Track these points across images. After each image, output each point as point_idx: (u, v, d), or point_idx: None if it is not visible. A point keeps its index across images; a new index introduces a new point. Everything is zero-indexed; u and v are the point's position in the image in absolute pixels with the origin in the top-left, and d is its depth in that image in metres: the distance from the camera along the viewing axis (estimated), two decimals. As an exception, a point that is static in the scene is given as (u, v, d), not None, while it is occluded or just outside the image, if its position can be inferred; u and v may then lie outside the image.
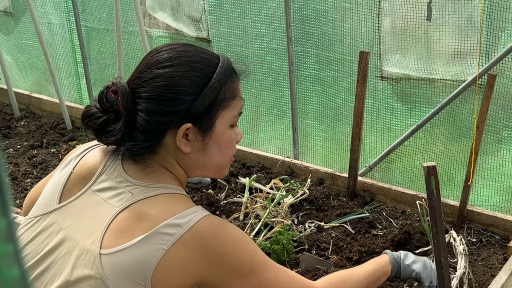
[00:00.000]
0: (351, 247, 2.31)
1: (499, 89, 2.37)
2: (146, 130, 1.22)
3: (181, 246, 1.16)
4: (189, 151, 1.27)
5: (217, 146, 1.30)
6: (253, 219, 2.49)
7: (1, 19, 4.23)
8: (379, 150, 2.83)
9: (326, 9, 2.76)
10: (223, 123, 1.29)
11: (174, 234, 1.16)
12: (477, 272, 2.21)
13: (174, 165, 1.29)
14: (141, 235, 1.16)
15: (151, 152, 1.27)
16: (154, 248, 1.15)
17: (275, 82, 3.11)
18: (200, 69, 1.26)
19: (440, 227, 1.57)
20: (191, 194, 2.80)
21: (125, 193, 1.23)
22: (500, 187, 2.55)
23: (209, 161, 1.31)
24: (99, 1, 3.67)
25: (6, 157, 3.40)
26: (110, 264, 1.15)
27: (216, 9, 3.15)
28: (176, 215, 1.18)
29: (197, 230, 1.17)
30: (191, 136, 1.26)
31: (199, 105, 1.24)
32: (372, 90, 2.72)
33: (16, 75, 4.34)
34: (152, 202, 1.21)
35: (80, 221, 1.23)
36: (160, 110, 1.22)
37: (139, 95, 1.24)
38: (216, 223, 1.22)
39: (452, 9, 2.39)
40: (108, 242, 1.18)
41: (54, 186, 1.31)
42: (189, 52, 1.28)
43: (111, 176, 1.27)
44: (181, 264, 1.16)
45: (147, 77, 1.24)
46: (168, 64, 1.24)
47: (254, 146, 3.28)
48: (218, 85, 1.27)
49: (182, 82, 1.24)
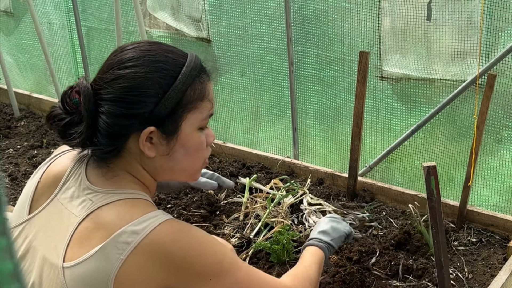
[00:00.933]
0: (351, 247, 2.31)
1: (499, 89, 2.37)
2: (108, 133, 1.17)
3: (139, 254, 1.10)
4: (153, 155, 1.21)
5: (184, 150, 1.23)
6: (253, 219, 2.49)
7: (2, 19, 4.24)
8: (379, 150, 2.83)
9: (326, 9, 2.76)
10: (189, 126, 1.22)
11: (131, 242, 1.10)
12: (477, 272, 2.21)
13: (139, 170, 1.23)
14: (98, 245, 1.11)
15: (115, 156, 1.22)
16: (112, 258, 1.09)
17: (275, 82, 3.11)
18: (164, 70, 1.19)
19: (440, 227, 1.57)
20: (191, 194, 2.80)
21: (86, 201, 1.18)
22: (500, 187, 2.55)
23: (176, 166, 1.25)
24: (99, 1, 3.67)
25: (6, 157, 3.40)
26: (72, 278, 1.11)
27: (216, 9, 3.15)
28: (133, 221, 1.12)
29: (155, 236, 1.11)
30: (155, 140, 1.20)
31: (162, 108, 1.17)
32: (372, 90, 2.72)
33: (16, 75, 4.34)
34: (110, 209, 1.15)
35: (46, 233, 1.20)
36: (122, 112, 1.16)
37: (101, 97, 1.18)
38: (176, 227, 1.15)
39: (452, 9, 2.39)
40: (70, 254, 1.14)
41: (24, 197, 1.28)
42: (154, 51, 1.21)
43: (75, 183, 1.22)
44: (142, 273, 1.10)
45: (108, 78, 1.18)
46: (130, 64, 1.18)
47: (254, 146, 3.28)
48: (183, 87, 1.19)
49: (144, 83, 1.17)
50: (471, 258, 2.30)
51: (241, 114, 3.32)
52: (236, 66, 3.21)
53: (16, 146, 3.55)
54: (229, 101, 3.35)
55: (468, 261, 2.28)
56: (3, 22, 4.24)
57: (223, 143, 3.27)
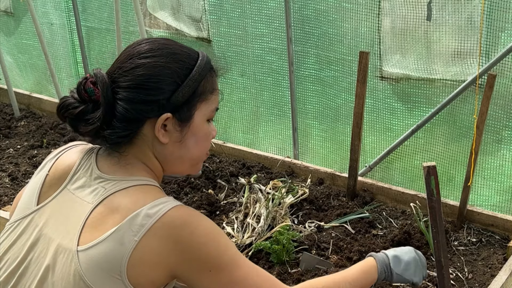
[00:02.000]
0: (351, 247, 2.31)
1: (499, 89, 2.37)
2: (125, 118, 1.22)
3: (152, 237, 1.15)
4: (166, 141, 1.27)
5: (195, 139, 1.30)
6: (253, 219, 2.49)
7: (2, 19, 4.24)
8: (379, 150, 2.83)
9: (326, 9, 2.76)
10: (201, 115, 1.30)
11: (144, 225, 1.15)
12: (477, 272, 2.21)
13: (150, 158, 1.29)
14: (112, 227, 1.16)
15: (128, 143, 1.27)
16: (126, 240, 1.14)
17: (275, 82, 3.11)
18: (181, 61, 1.27)
19: (440, 227, 1.57)
20: (191, 194, 2.80)
21: (99, 189, 1.23)
22: (500, 187, 2.55)
23: (186, 154, 1.31)
24: (99, 1, 3.67)
25: (6, 157, 3.40)
26: (86, 260, 1.15)
27: (217, 9, 3.15)
28: (146, 205, 1.17)
29: (167, 220, 1.16)
30: (170, 126, 1.26)
31: (179, 96, 1.25)
32: (372, 90, 2.72)
33: (17, 75, 4.34)
34: (123, 195, 1.21)
35: (57, 220, 1.24)
36: (141, 98, 1.22)
37: (118, 85, 1.24)
38: (187, 212, 1.20)
39: (452, 9, 2.39)
40: (84, 238, 1.18)
41: (32, 189, 1.31)
42: (171, 45, 1.30)
43: (85, 174, 1.27)
44: (154, 255, 1.15)
45: (128, 67, 1.25)
46: (150, 54, 1.25)
47: (254, 146, 3.28)
48: (199, 77, 1.28)
49: (163, 72, 1.24)
50: (471, 258, 2.30)
51: (241, 114, 3.32)
52: (236, 66, 3.21)
53: (16, 146, 3.55)
54: (229, 101, 3.35)
55: (468, 261, 2.28)
56: (3, 22, 4.25)
57: (223, 143, 3.27)
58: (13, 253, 1.24)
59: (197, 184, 2.87)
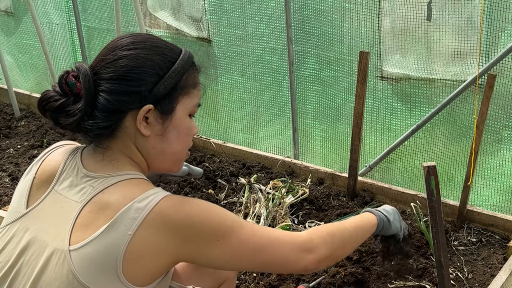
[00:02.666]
0: (351, 247, 2.31)
1: (499, 89, 2.37)
2: (107, 109, 1.23)
3: (146, 228, 1.15)
4: (148, 134, 1.27)
5: (176, 132, 1.30)
6: (253, 219, 2.49)
7: (2, 19, 4.24)
8: (379, 150, 2.83)
9: (326, 9, 2.76)
10: (183, 109, 1.31)
11: (137, 218, 1.15)
12: (477, 272, 2.21)
13: (134, 151, 1.29)
14: (104, 224, 1.16)
15: (111, 137, 1.27)
16: (120, 235, 1.14)
17: (275, 82, 3.11)
18: (164, 54, 1.28)
19: (440, 227, 1.57)
20: (191, 194, 2.80)
21: (86, 188, 1.23)
22: (500, 187, 2.55)
23: (167, 148, 1.31)
24: (99, 1, 3.67)
25: (6, 157, 3.40)
26: (79, 259, 1.15)
27: (217, 9, 3.15)
28: (136, 199, 1.17)
29: (159, 209, 1.17)
30: (151, 119, 1.26)
31: (161, 87, 1.26)
32: (372, 90, 2.73)
33: (17, 75, 4.34)
34: (112, 191, 1.21)
35: (47, 222, 1.24)
36: (123, 89, 1.23)
37: (100, 77, 1.24)
38: (178, 199, 1.21)
39: (452, 9, 2.39)
40: (76, 237, 1.18)
41: (20, 193, 1.32)
42: (153, 39, 1.31)
43: (72, 173, 1.27)
44: (150, 247, 1.15)
45: (110, 59, 1.25)
46: (132, 47, 1.26)
47: (254, 146, 3.29)
48: (181, 70, 1.29)
49: (146, 63, 1.25)
50: (471, 258, 2.30)
51: (241, 114, 3.33)
52: (237, 66, 3.21)
53: (17, 146, 3.55)
54: (229, 101, 3.35)
55: (468, 261, 2.28)
56: (3, 22, 4.25)
57: (223, 143, 3.27)
58: (4, 257, 1.24)
59: (197, 184, 2.87)
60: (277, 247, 1.29)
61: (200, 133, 3.44)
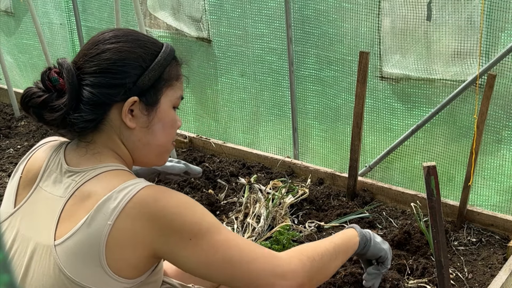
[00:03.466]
0: (351, 247, 2.31)
1: (499, 89, 2.37)
2: (91, 102, 1.23)
3: (125, 218, 1.14)
4: (134, 126, 1.27)
5: (162, 124, 1.31)
6: (253, 219, 2.49)
7: (2, 19, 4.24)
8: (379, 150, 2.83)
9: (326, 9, 2.76)
10: (167, 101, 1.32)
11: (116, 207, 1.14)
12: (477, 272, 2.21)
13: (119, 145, 1.29)
14: (85, 215, 1.16)
15: (95, 131, 1.28)
16: (100, 225, 1.14)
17: (275, 82, 3.11)
18: (147, 47, 1.30)
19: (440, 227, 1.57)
20: (191, 194, 2.80)
21: (69, 183, 1.23)
22: (500, 187, 2.55)
23: (153, 140, 1.32)
24: (99, 1, 3.67)
25: (6, 157, 3.40)
26: (64, 253, 1.15)
27: (217, 9, 3.15)
28: (115, 188, 1.17)
29: (139, 199, 1.15)
30: (136, 111, 1.27)
31: (146, 79, 1.27)
32: (372, 90, 2.73)
33: (17, 75, 4.34)
34: (93, 182, 1.21)
35: (32, 219, 1.24)
36: (107, 82, 1.24)
37: (84, 71, 1.25)
38: (158, 189, 1.19)
39: (452, 9, 2.39)
40: (60, 232, 1.18)
41: (8, 194, 1.33)
42: (135, 33, 1.33)
43: (55, 170, 1.28)
44: (130, 236, 1.14)
45: (93, 53, 1.26)
46: (115, 40, 1.28)
47: (254, 146, 3.29)
48: (165, 62, 1.30)
49: (129, 56, 1.26)
50: (471, 258, 2.30)
51: (241, 114, 3.33)
52: (236, 66, 3.21)
53: (17, 146, 3.55)
54: (229, 101, 3.35)
55: (468, 261, 2.28)
56: (3, 22, 4.25)
57: (223, 143, 3.27)
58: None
59: (197, 184, 2.87)
60: (248, 263, 1.20)
61: (200, 133, 3.44)
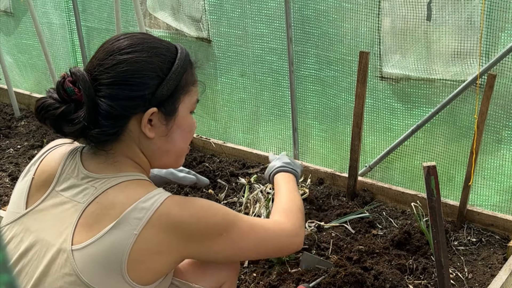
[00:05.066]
0: (351, 247, 2.31)
1: (499, 89, 2.37)
2: (111, 115, 1.22)
3: (151, 228, 1.16)
4: (153, 136, 1.28)
5: (180, 131, 1.32)
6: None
7: (2, 19, 4.24)
8: (379, 150, 2.83)
9: (326, 9, 2.76)
10: (185, 108, 1.32)
11: (142, 218, 1.16)
12: (477, 272, 2.21)
13: (137, 153, 1.30)
14: (109, 224, 1.16)
15: (115, 141, 1.27)
16: (125, 235, 1.15)
17: (275, 82, 3.11)
18: (162, 55, 1.28)
19: (440, 227, 1.57)
20: (191, 194, 2.80)
21: (89, 189, 1.23)
22: (500, 187, 2.55)
23: (172, 147, 1.33)
24: (99, 1, 3.67)
25: (6, 157, 3.40)
26: (83, 259, 1.15)
27: (217, 9, 3.15)
28: (140, 199, 1.18)
29: (163, 210, 1.18)
30: (155, 121, 1.27)
31: (164, 90, 1.26)
32: (372, 90, 2.73)
33: (17, 75, 4.34)
34: (116, 191, 1.21)
35: (48, 222, 1.23)
36: (126, 95, 1.23)
37: (100, 82, 1.23)
38: (180, 199, 1.24)
39: (452, 9, 2.39)
40: (79, 237, 1.18)
41: (19, 194, 1.31)
42: (149, 39, 1.30)
43: (72, 174, 1.27)
44: (155, 246, 1.17)
45: (109, 63, 1.24)
46: (131, 50, 1.25)
47: (254, 146, 3.28)
48: (182, 70, 1.29)
49: (146, 66, 1.25)
50: (471, 258, 2.30)
51: (241, 114, 3.33)
52: (236, 66, 3.21)
53: (17, 146, 3.55)
54: (229, 101, 3.35)
55: (468, 261, 2.28)
56: (3, 22, 4.25)
57: (223, 143, 3.27)
58: None
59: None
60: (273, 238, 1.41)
61: (200, 133, 3.44)
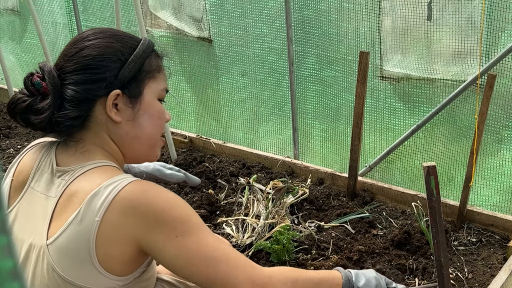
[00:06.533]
0: (351, 247, 2.31)
1: (499, 89, 2.37)
2: (75, 99, 1.24)
3: (112, 213, 1.14)
4: (119, 120, 1.28)
5: (148, 116, 1.32)
6: (253, 219, 2.49)
7: (9, 18, 4.25)
8: (379, 150, 2.83)
9: (326, 9, 2.76)
10: (151, 93, 1.33)
11: (103, 203, 1.14)
12: (477, 272, 2.21)
13: (107, 141, 1.30)
14: (73, 213, 1.16)
15: (83, 129, 1.28)
16: (89, 222, 1.13)
17: (275, 82, 3.12)
18: (124, 41, 1.31)
19: (440, 227, 1.57)
20: (191, 194, 2.80)
21: (59, 182, 1.24)
22: (500, 187, 2.55)
23: (141, 132, 1.32)
24: (100, 1, 3.68)
25: (6, 157, 3.40)
26: (55, 251, 1.16)
27: (218, 9, 3.15)
28: (102, 184, 1.16)
29: (126, 194, 1.15)
30: (121, 105, 1.28)
31: (126, 72, 1.28)
32: (372, 90, 2.73)
33: (18, 75, 4.35)
34: (81, 179, 1.21)
35: (25, 220, 1.25)
36: (88, 78, 1.25)
37: (65, 71, 1.26)
38: (146, 185, 1.19)
39: (453, 9, 2.39)
40: (51, 231, 1.19)
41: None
42: (113, 30, 1.36)
43: (46, 170, 1.28)
44: (116, 231, 1.14)
45: (73, 52, 1.28)
46: (93, 37, 1.29)
47: (254, 146, 3.29)
48: (143, 54, 1.31)
49: (107, 50, 1.28)
50: (471, 258, 2.30)
51: (241, 114, 3.33)
52: (237, 66, 3.21)
53: (17, 146, 3.55)
54: (229, 101, 3.35)
55: (468, 261, 2.28)
56: (10, 21, 4.25)
57: (223, 143, 3.27)
58: None
59: (197, 184, 2.88)
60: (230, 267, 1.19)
61: (201, 133, 3.44)
